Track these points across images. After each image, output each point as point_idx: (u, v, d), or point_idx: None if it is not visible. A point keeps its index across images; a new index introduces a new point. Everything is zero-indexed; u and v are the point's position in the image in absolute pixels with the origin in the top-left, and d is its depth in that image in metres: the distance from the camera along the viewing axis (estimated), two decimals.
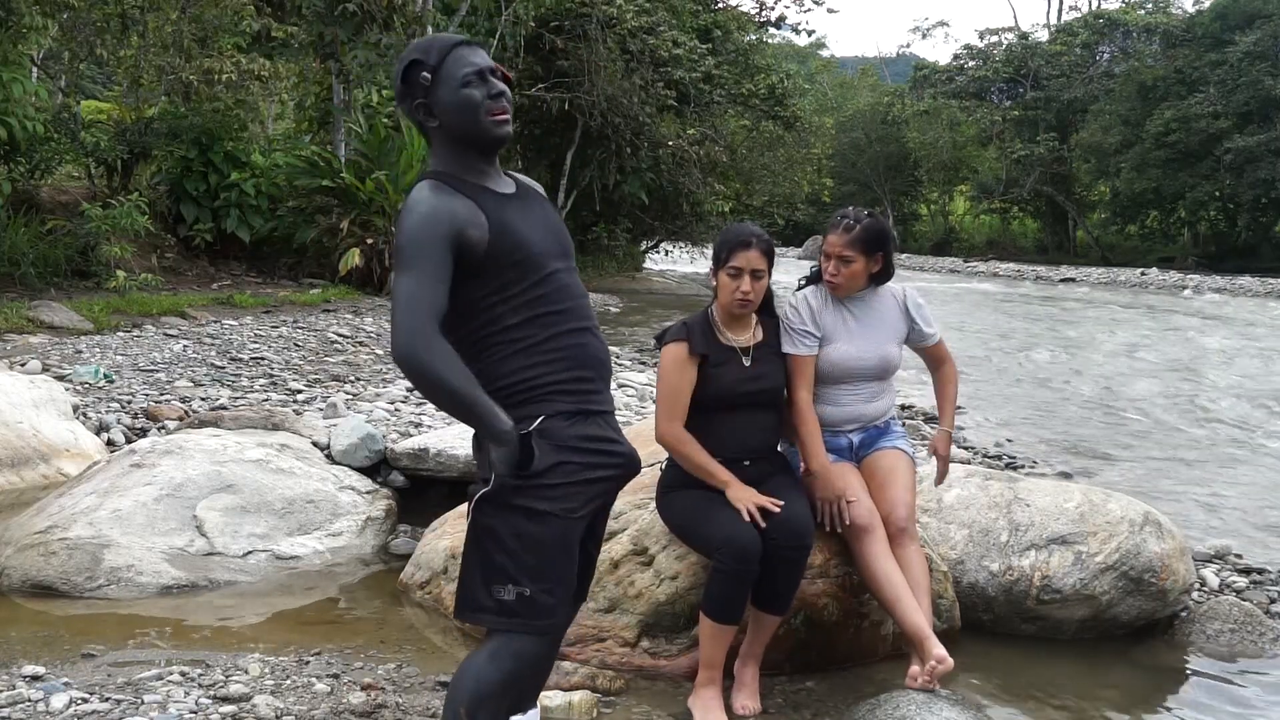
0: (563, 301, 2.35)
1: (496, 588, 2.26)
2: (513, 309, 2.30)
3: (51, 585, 4.04)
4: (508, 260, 2.28)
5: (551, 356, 2.31)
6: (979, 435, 8.52)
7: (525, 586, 2.25)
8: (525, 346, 2.30)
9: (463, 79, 2.29)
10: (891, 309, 3.59)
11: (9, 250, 10.58)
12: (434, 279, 2.19)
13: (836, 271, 3.46)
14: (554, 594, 2.29)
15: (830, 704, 3.27)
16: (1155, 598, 3.94)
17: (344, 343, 9.69)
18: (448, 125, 2.32)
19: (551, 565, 2.28)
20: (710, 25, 26.64)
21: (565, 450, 2.29)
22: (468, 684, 2.27)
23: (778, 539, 3.11)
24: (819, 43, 63.39)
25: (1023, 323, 19.71)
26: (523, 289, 2.30)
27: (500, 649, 2.28)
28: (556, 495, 2.27)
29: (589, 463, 2.33)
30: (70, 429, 5.92)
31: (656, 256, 30.50)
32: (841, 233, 3.45)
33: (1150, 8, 48.31)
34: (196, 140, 13.66)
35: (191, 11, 14.56)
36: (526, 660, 2.30)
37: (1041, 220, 49.08)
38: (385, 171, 13.70)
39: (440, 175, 2.32)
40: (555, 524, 2.27)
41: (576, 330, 2.36)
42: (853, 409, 3.52)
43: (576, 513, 2.31)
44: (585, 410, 2.35)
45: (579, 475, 2.31)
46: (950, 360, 3.77)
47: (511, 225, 2.30)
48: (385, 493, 5.06)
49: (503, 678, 2.27)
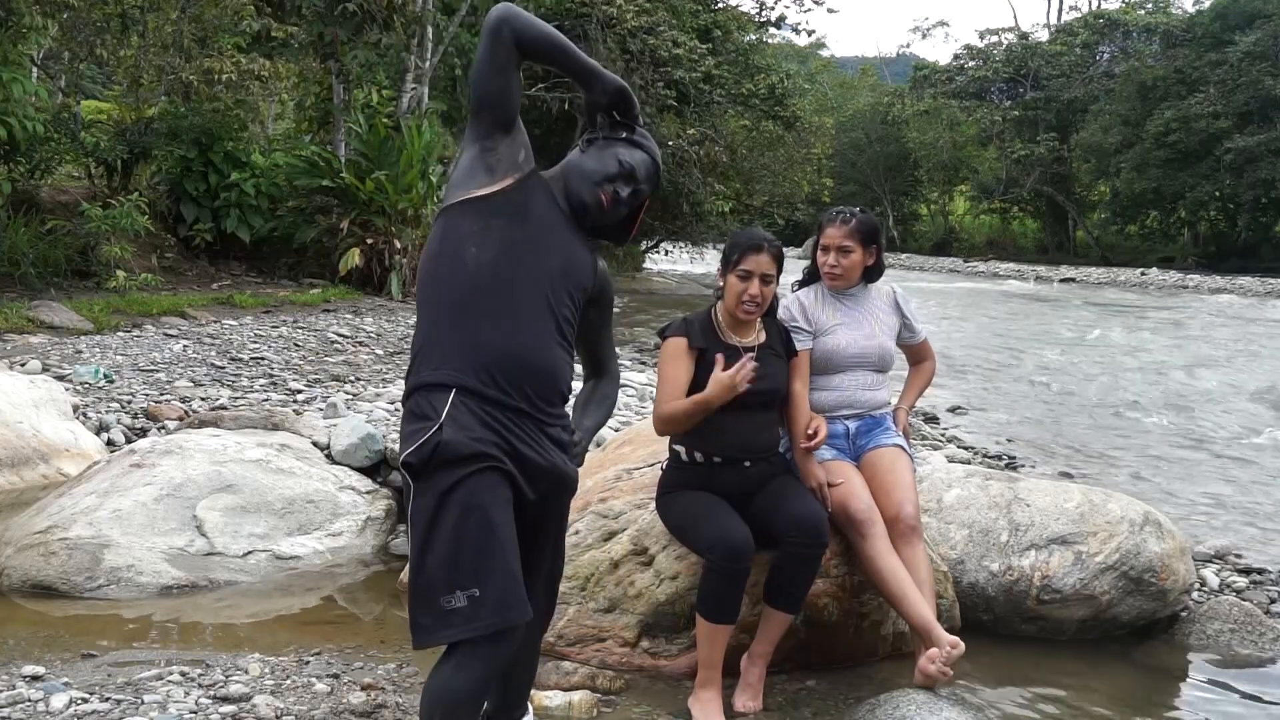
0: (494, 277, 2.45)
1: (445, 598, 2.19)
2: (465, 238, 2.45)
3: (51, 585, 4.04)
4: (488, 200, 2.48)
5: (461, 333, 2.40)
6: (979, 435, 8.53)
7: (474, 588, 2.19)
8: (448, 304, 2.40)
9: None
10: (884, 305, 3.67)
11: (9, 250, 10.58)
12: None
13: (837, 263, 3.53)
14: (500, 586, 2.21)
15: (830, 704, 3.27)
16: (1155, 598, 3.94)
17: (344, 343, 9.69)
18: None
19: (485, 559, 2.21)
20: (710, 25, 26.62)
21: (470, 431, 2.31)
22: (439, 696, 2.22)
23: (794, 537, 3.12)
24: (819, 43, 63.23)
25: (1023, 323, 19.71)
26: (471, 223, 2.44)
27: (464, 659, 2.22)
28: (485, 485, 2.24)
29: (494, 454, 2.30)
30: (70, 429, 5.92)
31: (656, 256, 30.49)
32: (840, 224, 3.54)
33: (1150, 8, 48.29)
34: (196, 140, 13.65)
35: (191, 11, 14.56)
36: (495, 664, 2.25)
37: (1041, 220, 49.10)
38: (385, 171, 13.69)
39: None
40: (483, 515, 2.23)
41: (492, 313, 2.44)
42: (849, 394, 3.55)
43: (504, 502, 2.28)
44: (469, 389, 2.36)
45: (492, 467, 2.28)
46: (932, 358, 3.85)
47: (514, 192, 2.46)
48: (385, 493, 5.06)
49: (474, 686, 2.24)
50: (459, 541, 2.21)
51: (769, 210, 30.58)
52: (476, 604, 2.18)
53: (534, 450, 2.35)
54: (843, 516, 3.36)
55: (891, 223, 53.46)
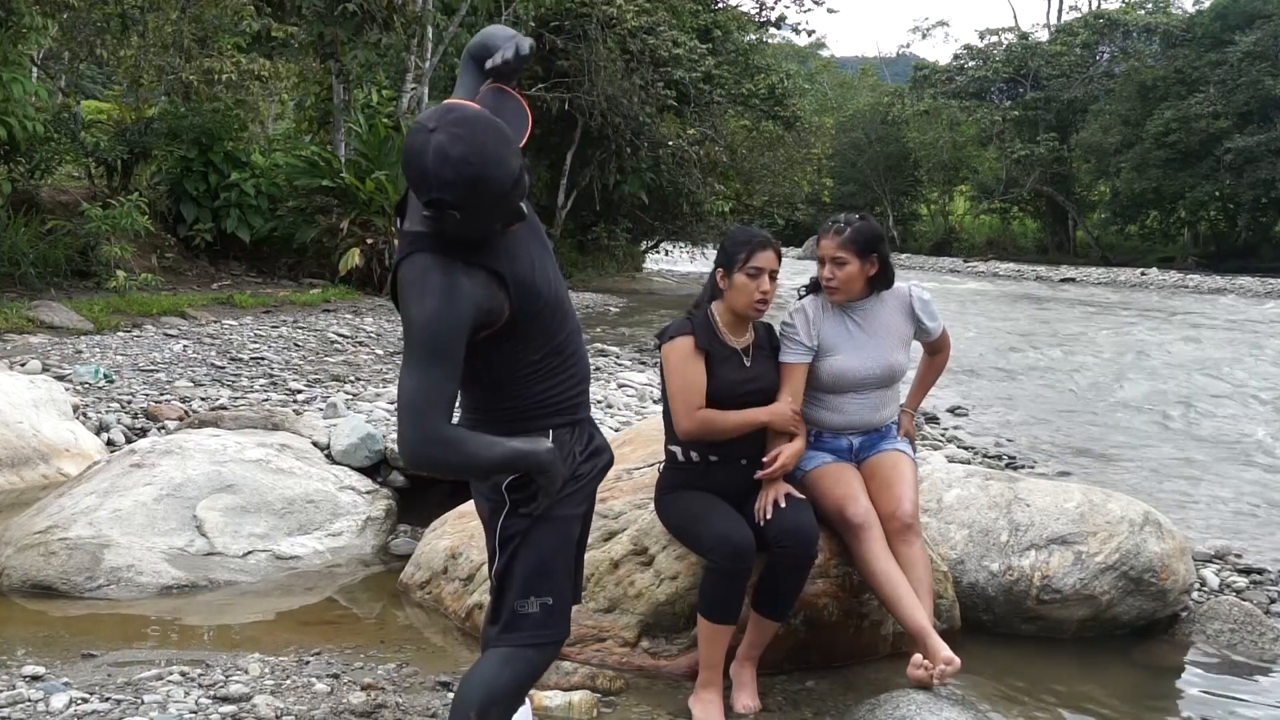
0: (564, 321, 2.36)
1: (520, 603, 2.30)
2: (532, 347, 2.30)
3: (51, 585, 4.04)
4: (528, 315, 2.24)
5: (562, 378, 2.35)
6: (979, 435, 8.53)
7: (547, 596, 2.30)
8: (542, 373, 2.32)
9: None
10: (895, 315, 3.53)
11: (9, 250, 10.59)
12: (446, 378, 2.08)
13: (832, 275, 3.43)
14: (567, 599, 2.36)
15: (830, 704, 3.27)
16: (1155, 598, 3.94)
17: (344, 343, 9.69)
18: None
19: (562, 572, 2.35)
20: (710, 25, 26.64)
21: (574, 459, 2.36)
22: (478, 690, 2.27)
23: (784, 546, 3.11)
24: (819, 43, 63.28)
25: (1023, 323, 19.71)
26: (537, 329, 2.29)
27: (515, 656, 2.30)
28: (574, 502, 2.36)
29: (589, 469, 2.41)
30: (70, 429, 5.92)
31: (656, 256, 30.50)
32: (833, 236, 3.44)
33: (1150, 8, 48.26)
34: (196, 140, 13.66)
35: (191, 11, 14.57)
36: (539, 667, 2.35)
37: (1041, 220, 49.07)
38: (385, 171, 13.70)
39: (435, 242, 2.13)
40: (567, 529, 2.36)
41: (575, 345, 2.40)
42: (857, 417, 3.50)
43: (581, 517, 2.43)
44: (576, 420, 2.40)
45: (584, 483, 2.40)
46: (947, 349, 3.78)
47: (525, 278, 2.23)
48: (385, 493, 5.06)
49: (514, 684, 2.31)
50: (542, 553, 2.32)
51: (769, 210, 30.57)
52: (547, 612, 2.30)
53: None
54: (840, 519, 3.35)
55: (891, 223, 53.45)
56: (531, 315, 2.24)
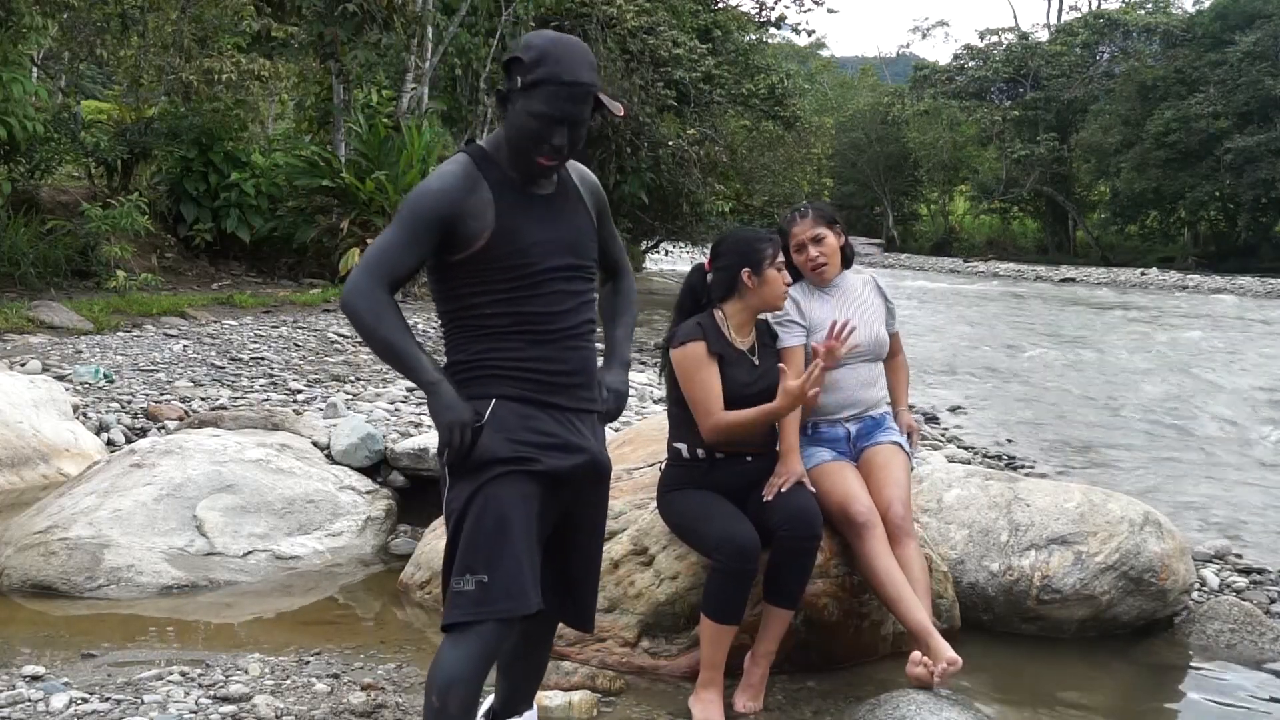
0: (550, 301, 2.38)
1: (456, 580, 2.32)
2: (493, 303, 2.36)
3: (51, 585, 4.04)
4: (501, 263, 2.34)
5: (519, 346, 2.37)
6: (979, 435, 8.53)
7: (483, 574, 2.29)
8: (493, 331, 2.37)
9: (537, 112, 2.29)
10: (867, 291, 3.69)
11: (9, 250, 10.58)
12: (406, 245, 2.31)
13: (819, 253, 3.55)
14: (514, 577, 2.29)
15: (830, 704, 3.27)
16: (1155, 598, 3.94)
17: (344, 343, 9.68)
18: (506, 130, 2.37)
19: (503, 551, 2.30)
20: (710, 25, 26.61)
21: (509, 439, 2.34)
22: (433, 673, 2.31)
23: (787, 530, 3.12)
24: (819, 43, 63.18)
25: (1023, 323, 19.71)
26: (509, 291, 2.35)
27: (458, 636, 2.31)
28: (513, 483, 2.33)
29: (548, 459, 2.37)
30: (70, 429, 5.92)
31: (656, 256, 30.50)
32: (801, 218, 3.61)
33: (1150, 8, 48.28)
34: (196, 140, 13.65)
35: (191, 11, 14.55)
36: (490, 644, 2.32)
37: (1041, 220, 49.09)
38: (385, 171, 13.68)
39: (484, 154, 2.39)
40: (505, 509, 2.32)
41: (555, 334, 2.39)
42: (849, 394, 3.55)
43: (522, 498, 2.34)
44: (539, 400, 2.38)
45: (534, 469, 2.35)
46: (902, 349, 3.86)
47: (519, 231, 2.34)
48: (385, 493, 5.06)
49: (467, 663, 2.29)
50: (476, 530, 2.33)
51: (769, 210, 30.48)
52: (483, 589, 2.28)
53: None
54: (843, 518, 3.36)
55: (891, 223, 53.49)
56: (502, 263, 2.33)
